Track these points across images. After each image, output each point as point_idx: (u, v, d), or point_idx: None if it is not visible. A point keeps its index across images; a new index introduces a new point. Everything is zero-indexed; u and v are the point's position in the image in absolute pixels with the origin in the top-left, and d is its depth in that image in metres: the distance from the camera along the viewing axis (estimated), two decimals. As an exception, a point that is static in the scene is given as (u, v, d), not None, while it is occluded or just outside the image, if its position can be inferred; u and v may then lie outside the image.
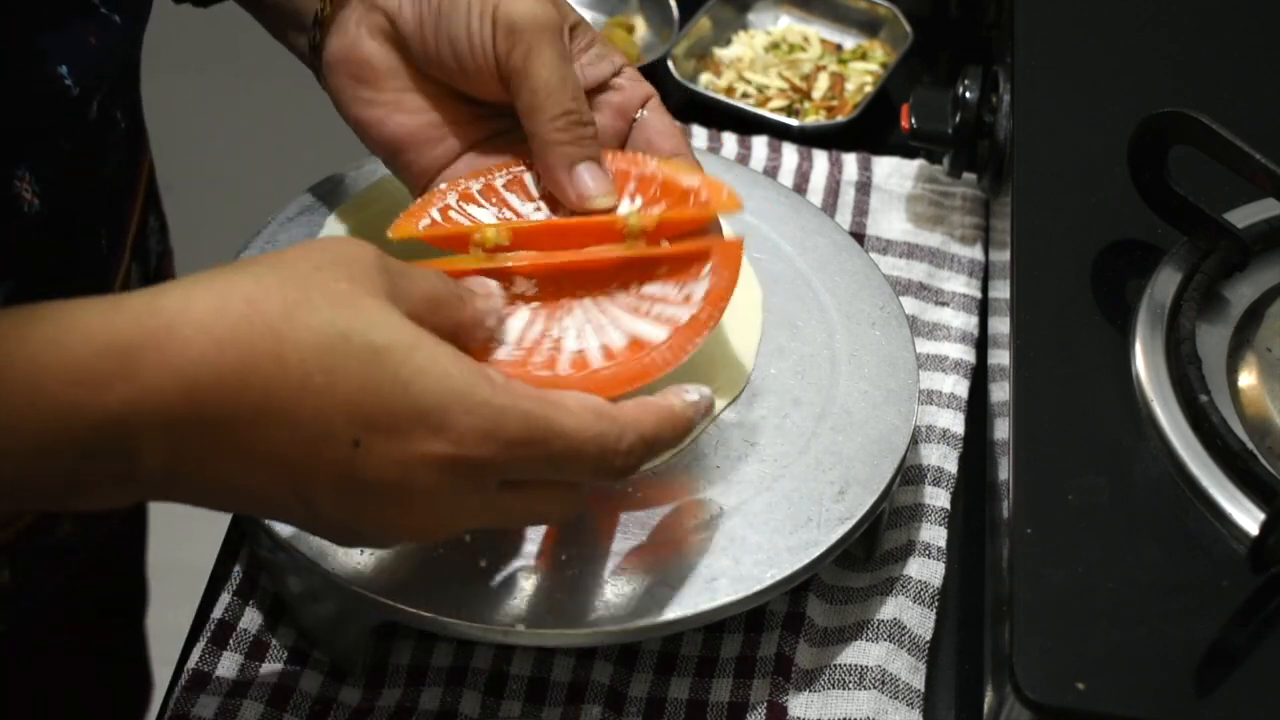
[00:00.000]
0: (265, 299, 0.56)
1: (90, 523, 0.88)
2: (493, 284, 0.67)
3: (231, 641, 0.74)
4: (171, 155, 1.19)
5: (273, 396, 0.56)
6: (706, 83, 1.03)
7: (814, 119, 1.00)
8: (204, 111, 2.00)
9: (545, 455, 0.60)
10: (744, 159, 0.96)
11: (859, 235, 0.92)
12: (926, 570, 0.77)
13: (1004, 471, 0.71)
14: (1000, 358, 0.77)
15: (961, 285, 0.90)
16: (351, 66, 0.74)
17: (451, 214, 0.73)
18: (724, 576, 0.69)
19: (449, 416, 0.58)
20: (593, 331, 0.70)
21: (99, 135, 0.78)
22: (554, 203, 0.74)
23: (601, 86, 0.74)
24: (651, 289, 0.72)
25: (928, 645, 0.75)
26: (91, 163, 0.78)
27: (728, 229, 0.79)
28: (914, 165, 0.96)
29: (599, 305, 0.71)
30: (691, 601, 0.68)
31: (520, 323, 0.70)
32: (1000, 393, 0.76)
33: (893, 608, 0.75)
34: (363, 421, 0.57)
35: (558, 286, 0.72)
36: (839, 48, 1.06)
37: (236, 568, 0.76)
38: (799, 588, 0.75)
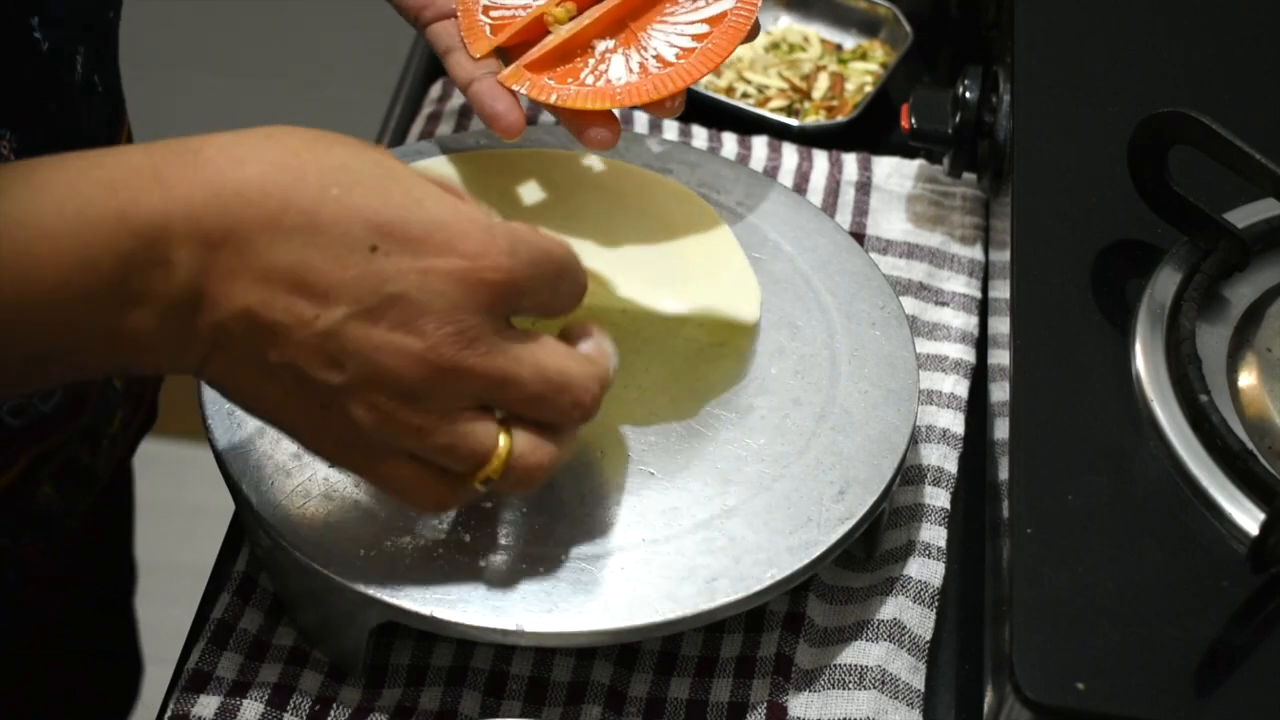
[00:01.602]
0: (285, 133, 0.61)
1: (71, 488, 0.88)
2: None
3: (231, 641, 0.74)
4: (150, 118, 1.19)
5: (291, 206, 0.58)
6: (706, 83, 1.03)
7: (814, 119, 1.00)
8: (191, 107, 2.00)
9: (557, 273, 0.62)
10: (744, 159, 0.96)
11: (859, 235, 0.92)
12: (926, 570, 0.77)
13: (1004, 471, 0.71)
14: (1000, 358, 0.77)
15: (961, 285, 0.90)
16: None
17: (493, 13, 0.79)
18: (724, 576, 0.69)
19: (464, 235, 0.60)
20: (639, 60, 0.77)
21: (80, 100, 0.79)
22: None
23: None
24: (681, 15, 0.79)
25: (928, 645, 0.75)
26: (72, 128, 0.79)
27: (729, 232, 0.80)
28: (914, 165, 0.96)
29: (641, 40, 0.78)
30: (691, 601, 0.68)
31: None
32: (1000, 393, 0.76)
33: (893, 608, 0.75)
34: (380, 229, 0.59)
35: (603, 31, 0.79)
36: (839, 48, 1.06)
37: (236, 568, 0.76)
38: (799, 588, 0.75)
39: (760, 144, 0.97)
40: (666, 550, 0.69)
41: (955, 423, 0.83)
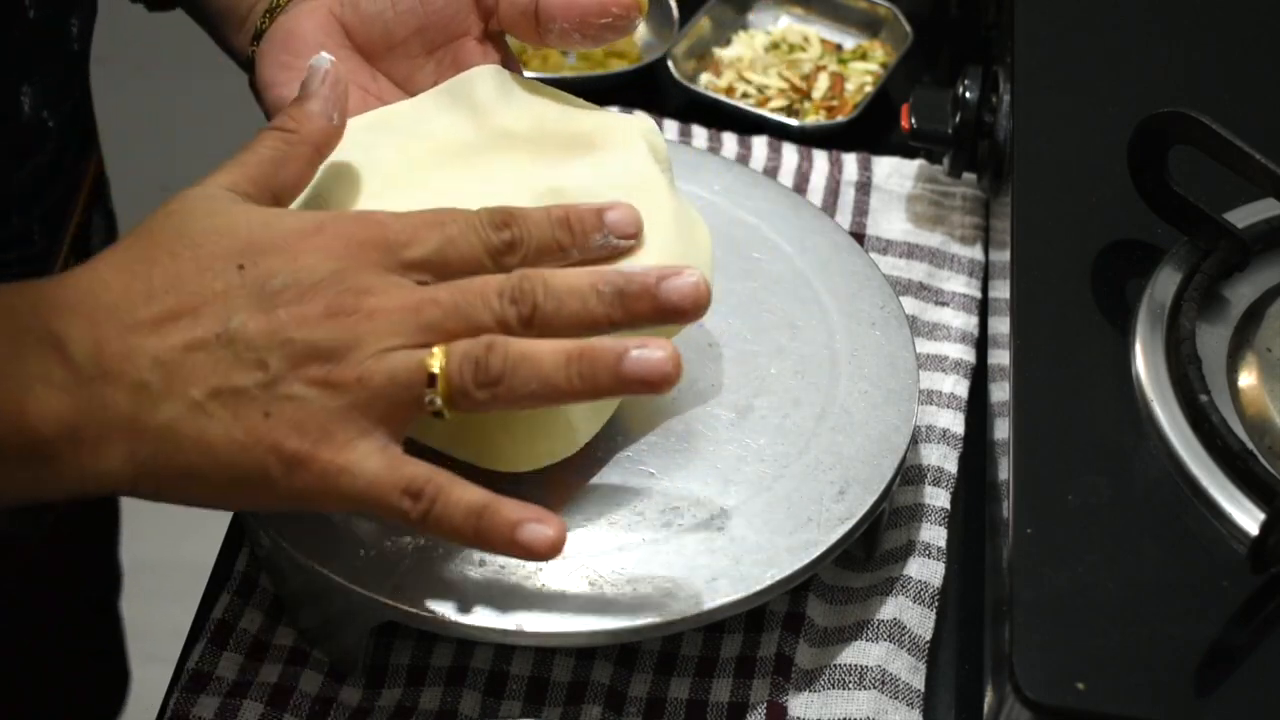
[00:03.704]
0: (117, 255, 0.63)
1: (25, 518, 0.87)
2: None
3: (231, 641, 0.74)
4: (134, 154, 1.19)
5: (153, 279, 0.61)
6: (706, 83, 1.03)
7: (814, 119, 1.00)
8: (159, 109, 1.99)
9: (433, 220, 0.64)
10: (744, 159, 0.96)
11: (859, 235, 0.92)
12: (926, 570, 0.77)
13: (1004, 471, 0.71)
14: (1000, 358, 0.77)
15: (961, 285, 0.90)
16: (282, 35, 0.76)
17: None
18: (724, 576, 0.69)
19: (319, 223, 0.62)
20: None
21: (23, 135, 0.78)
22: None
23: None
24: None
25: (928, 645, 0.75)
26: (17, 161, 0.79)
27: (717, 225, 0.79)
28: (914, 165, 0.96)
29: None
30: (691, 601, 0.68)
31: None
32: (1000, 393, 0.76)
33: (893, 608, 0.75)
34: (241, 252, 0.61)
35: None
36: (839, 48, 1.06)
37: (236, 568, 0.76)
38: (799, 588, 0.75)
39: (760, 144, 0.97)
40: (666, 550, 0.69)
41: (955, 423, 0.83)
